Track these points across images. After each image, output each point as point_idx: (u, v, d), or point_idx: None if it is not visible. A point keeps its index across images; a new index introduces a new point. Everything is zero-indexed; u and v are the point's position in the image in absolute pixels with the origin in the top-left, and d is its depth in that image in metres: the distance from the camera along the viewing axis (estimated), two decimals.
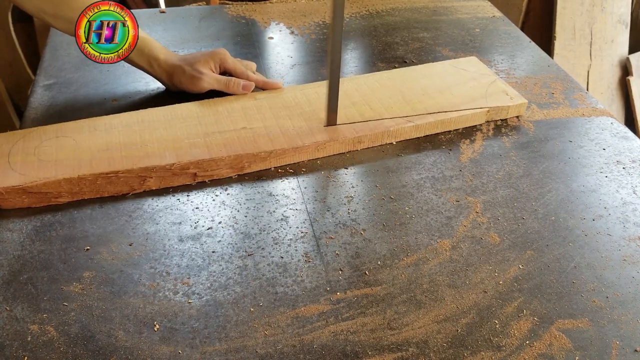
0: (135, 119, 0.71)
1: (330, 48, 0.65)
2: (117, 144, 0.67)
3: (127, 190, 0.64)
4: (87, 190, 0.63)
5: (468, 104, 0.77)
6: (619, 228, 0.63)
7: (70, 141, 0.67)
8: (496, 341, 0.50)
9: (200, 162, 0.65)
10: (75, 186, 0.62)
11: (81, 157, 0.64)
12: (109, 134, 0.68)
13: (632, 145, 0.76)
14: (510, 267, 0.58)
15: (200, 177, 0.66)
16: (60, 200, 0.62)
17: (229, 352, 0.48)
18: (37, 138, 0.67)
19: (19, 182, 0.60)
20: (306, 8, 1.10)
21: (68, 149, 0.65)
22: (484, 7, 1.14)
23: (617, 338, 0.51)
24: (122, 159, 0.64)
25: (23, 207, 0.62)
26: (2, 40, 1.64)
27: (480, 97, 0.79)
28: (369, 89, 0.80)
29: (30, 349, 0.48)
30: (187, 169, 0.64)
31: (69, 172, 0.62)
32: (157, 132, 0.69)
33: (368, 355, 0.49)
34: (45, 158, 0.64)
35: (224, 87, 0.77)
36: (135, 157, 0.64)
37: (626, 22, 1.87)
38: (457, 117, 0.76)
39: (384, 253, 0.58)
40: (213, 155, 0.65)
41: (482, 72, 0.85)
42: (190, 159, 0.64)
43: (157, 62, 0.77)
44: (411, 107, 0.76)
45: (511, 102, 0.78)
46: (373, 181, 0.68)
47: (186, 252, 0.58)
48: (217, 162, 0.65)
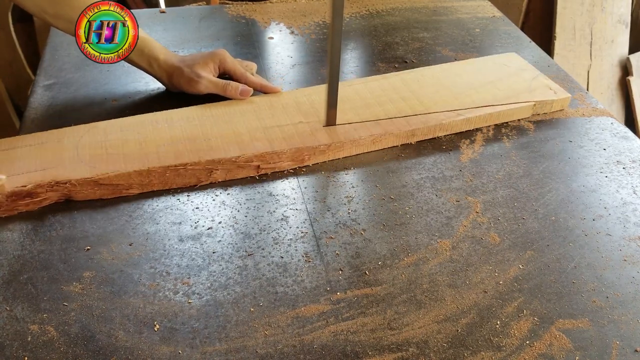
0: (194, 114, 0.73)
1: (330, 48, 0.65)
2: (181, 137, 0.68)
3: (195, 182, 0.66)
4: (156, 182, 0.64)
5: (513, 98, 0.79)
6: (619, 228, 0.63)
7: (135, 135, 0.69)
8: (496, 341, 0.50)
9: (263, 155, 0.67)
10: (145, 178, 0.64)
11: (148, 150, 0.66)
12: (172, 128, 0.70)
13: (632, 145, 0.76)
14: (511, 267, 0.58)
15: (262, 169, 0.68)
16: (131, 192, 0.64)
17: (229, 352, 0.48)
18: (102, 132, 0.69)
19: (90, 174, 0.62)
20: (306, 8, 1.10)
21: (134, 142, 0.67)
22: (484, 7, 1.14)
23: (617, 338, 0.51)
24: (188, 152, 0.66)
25: (94, 198, 0.63)
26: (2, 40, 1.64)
27: (525, 91, 0.81)
28: (416, 84, 0.81)
29: (30, 349, 0.48)
30: (251, 162, 0.67)
31: (139, 164, 0.64)
32: (218, 126, 0.71)
33: (368, 355, 0.49)
34: (113, 151, 0.66)
35: (221, 91, 0.77)
36: (200, 150, 0.66)
37: (626, 22, 1.87)
38: (505, 110, 0.77)
39: (384, 253, 0.58)
40: (275, 149, 0.67)
41: (524, 67, 0.87)
42: (253, 152, 0.67)
43: (157, 63, 0.77)
44: (460, 102, 0.78)
45: (555, 97, 0.80)
46: (373, 181, 0.68)
47: (186, 252, 0.58)
48: (279, 155, 0.67)
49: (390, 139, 0.73)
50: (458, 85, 0.82)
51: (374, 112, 0.75)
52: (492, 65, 0.88)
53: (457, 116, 0.75)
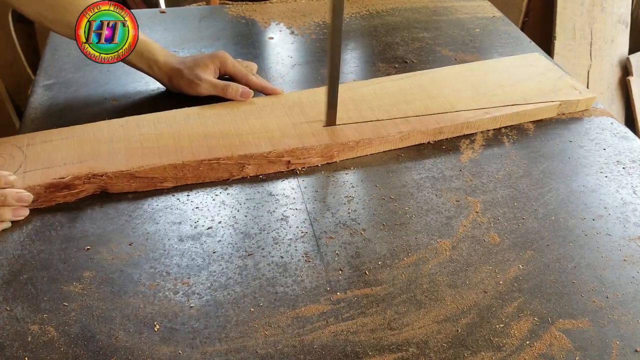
0: (225, 109, 0.74)
1: (330, 48, 0.65)
2: (213, 132, 0.70)
3: (227, 176, 0.67)
4: (190, 176, 0.65)
5: (539, 97, 0.80)
6: (619, 228, 0.63)
7: (168, 129, 0.70)
8: (496, 341, 0.50)
9: (294, 150, 0.68)
10: (180, 172, 0.65)
11: (182, 144, 0.67)
12: (204, 123, 0.71)
13: (632, 145, 0.76)
14: (510, 267, 0.58)
15: (293, 164, 0.69)
16: (165, 185, 0.65)
17: (229, 353, 0.48)
18: (135, 126, 0.70)
19: (126, 167, 0.63)
20: (306, 8, 1.10)
21: (167, 136, 0.68)
22: (484, 7, 1.14)
23: (617, 338, 0.51)
24: (221, 146, 0.67)
25: (130, 191, 0.64)
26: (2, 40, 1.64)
27: (550, 91, 0.81)
28: (443, 83, 0.82)
29: (30, 349, 0.48)
30: (282, 157, 0.68)
31: (173, 158, 0.65)
32: (249, 122, 0.72)
33: (368, 355, 0.49)
34: (148, 145, 0.67)
35: (221, 93, 0.76)
36: (232, 145, 0.67)
37: (626, 22, 1.87)
38: (531, 109, 0.78)
39: (384, 253, 0.58)
40: (305, 144, 0.68)
41: (549, 67, 0.87)
42: (285, 147, 0.68)
43: (157, 65, 0.77)
44: (487, 100, 0.78)
45: (580, 96, 0.81)
46: (373, 181, 0.68)
47: (186, 252, 0.58)
48: (309, 151, 0.68)
49: (418, 137, 0.74)
50: (484, 84, 0.82)
51: (402, 110, 0.76)
52: (517, 64, 0.88)
53: (484, 114, 0.76)
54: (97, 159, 0.64)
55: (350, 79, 0.88)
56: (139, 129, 0.70)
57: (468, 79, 0.83)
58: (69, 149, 0.66)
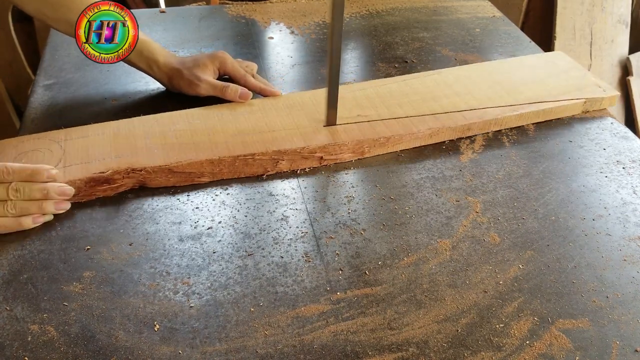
0: (257, 106, 0.75)
1: (330, 48, 0.65)
2: (246, 129, 0.71)
3: (262, 171, 0.68)
4: (225, 171, 0.67)
5: (564, 95, 0.80)
6: (619, 228, 0.63)
7: (202, 125, 0.71)
8: (496, 341, 0.50)
9: (326, 146, 0.69)
10: (216, 167, 0.66)
11: (216, 140, 0.68)
12: (236, 119, 0.72)
13: (632, 145, 0.76)
14: (510, 267, 0.58)
15: (325, 160, 0.70)
16: (202, 180, 0.66)
17: (229, 352, 0.48)
18: (170, 122, 0.71)
19: (164, 162, 0.64)
20: (306, 8, 1.10)
21: (202, 132, 0.69)
22: (484, 7, 1.14)
23: (617, 338, 0.51)
24: (255, 142, 0.68)
25: (168, 186, 0.65)
26: (2, 40, 1.64)
27: (575, 89, 0.82)
28: (469, 80, 0.83)
29: (30, 349, 0.48)
30: (315, 153, 0.69)
31: (209, 153, 0.66)
32: (280, 119, 0.73)
33: (368, 355, 0.49)
34: (184, 141, 0.68)
35: (220, 94, 0.76)
36: (266, 141, 0.69)
37: (626, 22, 1.87)
38: (557, 107, 0.79)
39: (384, 253, 0.58)
40: (337, 140, 0.69)
41: (572, 66, 0.88)
42: (317, 143, 0.69)
43: (157, 65, 0.77)
44: (512, 97, 0.79)
45: (605, 94, 0.81)
46: (373, 181, 0.68)
47: (186, 252, 0.58)
48: (341, 147, 0.69)
49: (447, 133, 0.74)
50: (510, 81, 0.83)
51: (430, 107, 0.76)
52: (540, 63, 0.89)
53: (511, 111, 0.77)
54: (134, 154, 0.65)
55: (350, 79, 0.88)
56: (173, 125, 0.71)
57: (492, 77, 0.84)
58: (106, 144, 0.67)
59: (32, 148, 0.66)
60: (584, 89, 0.82)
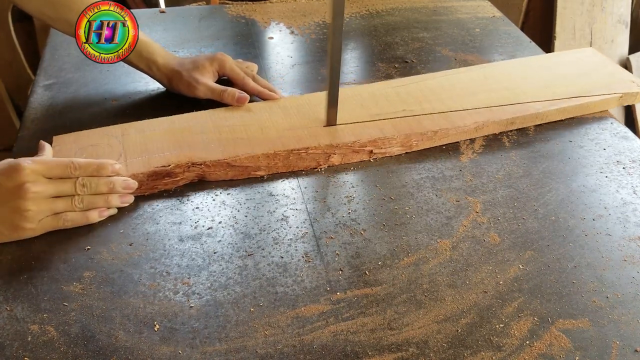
0: (304, 101, 0.77)
1: (330, 48, 0.65)
2: (298, 124, 0.72)
3: (315, 165, 0.69)
4: (280, 165, 0.68)
5: (600, 90, 0.81)
6: (619, 228, 0.63)
7: (254, 121, 0.72)
8: (496, 341, 0.50)
9: (376, 140, 0.70)
10: (272, 161, 0.67)
11: (270, 135, 0.70)
12: (288, 115, 0.74)
13: (632, 145, 0.76)
14: (510, 267, 0.58)
15: (375, 154, 0.71)
16: (258, 174, 0.68)
17: (229, 352, 0.48)
18: (223, 118, 0.73)
19: (223, 156, 0.66)
20: (306, 8, 1.10)
21: (254, 128, 0.71)
22: (484, 7, 1.14)
23: (617, 338, 0.51)
24: (307, 137, 0.70)
25: (226, 179, 0.67)
26: (2, 40, 1.64)
27: (609, 84, 0.83)
28: (505, 76, 0.84)
29: (30, 349, 0.48)
30: (365, 147, 0.70)
31: (264, 148, 0.67)
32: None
33: (368, 355, 0.49)
34: (238, 136, 0.69)
35: (218, 98, 0.76)
36: (318, 135, 0.70)
37: (626, 22, 1.87)
38: (594, 101, 0.80)
39: (384, 253, 0.58)
40: (386, 134, 0.71)
41: (604, 62, 0.89)
42: (367, 137, 0.70)
43: (156, 66, 0.77)
44: (551, 92, 0.81)
45: (639, 89, 0.82)
46: (373, 181, 0.68)
47: (186, 252, 0.58)
48: (390, 141, 0.71)
49: (492, 127, 0.76)
50: (546, 77, 0.84)
51: (472, 101, 0.78)
52: (573, 59, 0.90)
53: (551, 106, 0.78)
54: (192, 149, 0.67)
55: (350, 79, 0.88)
56: (226, 120, 0.72)
57: (528, 73, 0.85)
58: (164, 139, 0.68)
59: (91, 143, 0.67)
60: (619, 84, 0.83)
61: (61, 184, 0.58)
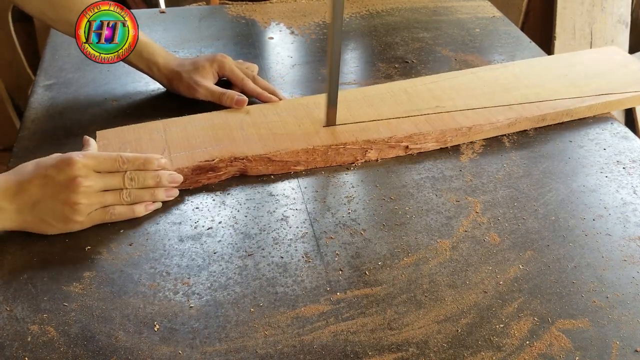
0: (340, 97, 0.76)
1: (330, 48, 0.65)
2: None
3: (352, 160, 0.71)
4: (319, 160, 0.69)
5: (628, 87, 0.82)
6: (619, 228, 0.63)
7: (291, 117, 0.74)
8: (496, 341, 0.50)
9: (412, 136, 0.71)
10: (310, 156, 0.69)
11: (307, 130, 0.71)
12: (321, 111, 0.73)
13: (632, 145, 0.76)
14: (510, 267, 0.58)
15: (410, 149, 0.72)
16: (298, 169, 0.69)
17: (229, 353, 0.48)
18: (260, 114, 0.74)
19: (263, 151, 0.67)
20: (306, 8, 1.10)
21: (292, 123, 0.72)
22: (484, 7, 1.14)
23: (617, 338, 0.51)
24: (344, 132, 0.71)
25: (267, 174, 0.68)
26: (2, 40, 1.64)
27: (635, 81, 0.84)
28: (533, 73, 0.85)
29: (30, 349, 0.48)
30: (401, 142, 0.71)
31: (303, 143, 0.69)
32: (363, 110, 0.75)
33: (368, 355, 0.49)
34: (277, 131, 0.71)
35: (217, 100, 0.76)
36: (355, 131, 0.71)
37: (626, 22, 1.87)
38: (621, 98, 0.80)
39: (384, 253, 0.58)
40: (422, 130, 0.72)
41: (628, 60, 0.90)
42: (403, 133, 0.71)
43: (157, 67, 0.77)
44: (579, 90, 0.81)
45: None
46: (373, 181, 0.68)
47: (186, 252, 0.58)
48: (425, 137, 0.72)
49: (524, 123, 0.76)
50: (573, 75, 0.85)
51: (504, 98, 0.79)
52: (597, 57, 0.91)
53: (581, 102, 0.79)
54: (234, 144, 0.68)
55: (350, 79, 0.88)
56: (264, 116, 0.74)
57: (554, 71, 0.86)
58: (205, 135, 0.69)
59: (134, 137, 0.68)
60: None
61: (110, 178, 0.59)
